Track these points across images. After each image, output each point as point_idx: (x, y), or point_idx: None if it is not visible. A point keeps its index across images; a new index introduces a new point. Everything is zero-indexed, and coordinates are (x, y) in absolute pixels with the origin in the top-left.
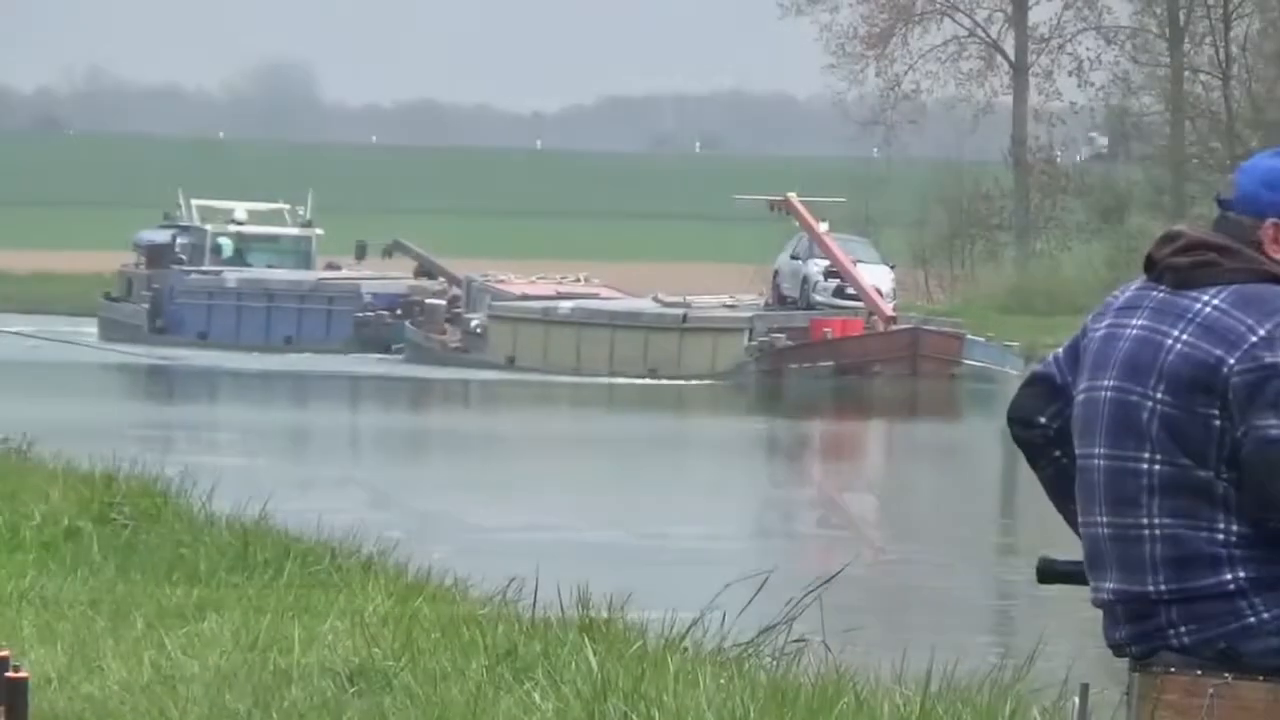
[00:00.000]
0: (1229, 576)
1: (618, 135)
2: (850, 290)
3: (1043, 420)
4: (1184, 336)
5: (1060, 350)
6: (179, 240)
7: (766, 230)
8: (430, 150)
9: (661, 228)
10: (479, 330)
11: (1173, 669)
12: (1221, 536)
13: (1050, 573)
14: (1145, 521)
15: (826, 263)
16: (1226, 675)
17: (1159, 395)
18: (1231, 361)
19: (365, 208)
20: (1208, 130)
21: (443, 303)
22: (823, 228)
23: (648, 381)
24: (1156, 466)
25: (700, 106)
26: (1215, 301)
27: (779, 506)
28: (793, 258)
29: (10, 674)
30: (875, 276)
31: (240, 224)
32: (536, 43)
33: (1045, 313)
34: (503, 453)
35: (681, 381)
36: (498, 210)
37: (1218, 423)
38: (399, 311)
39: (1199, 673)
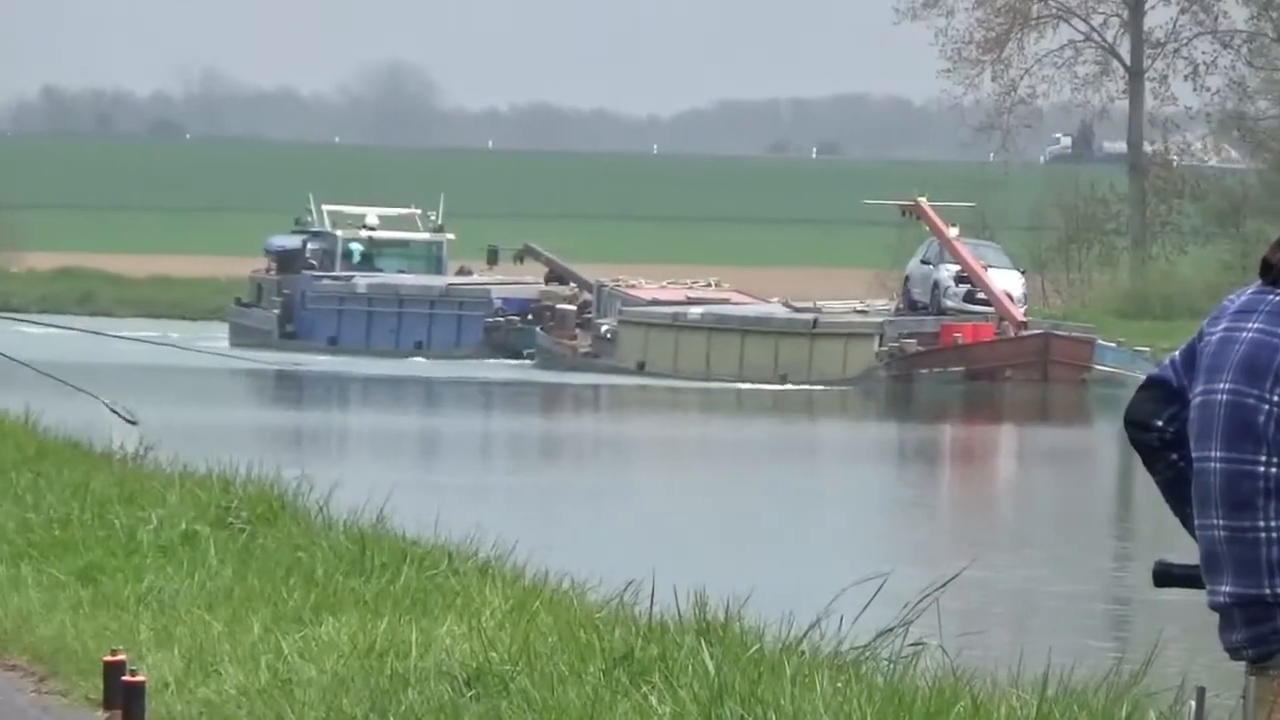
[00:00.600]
0: None
1: (734, 140)
2: (981, 295)
3: (1159, 423)
4: None
5: (1177, 354)
6: (310, 246)
7: (883, 235)
8: (547, 155)
9: (779, 232)
10: (609, 335)
11: None
12: None
13: (1167, 577)
14: (1262, 524)
15: (957, 268)
16: None
17: (1275, 398)
18: None
19: (491, 212)
20: None
21: (573, 308)
22: (953, 232)
23: (777, 387)
24: (1274, 469)
25: (817, 111)
26: None
27: (900, 511)
28: (923, 262)
29: (127, 678)
30: (1006, 281)
31: (371, 229)
32: (653, 47)
33: (1161, 317)
34: (626, 457)
35: (811, 387)
36: (616, 215)
37: None
38: (529, 317)
39: None
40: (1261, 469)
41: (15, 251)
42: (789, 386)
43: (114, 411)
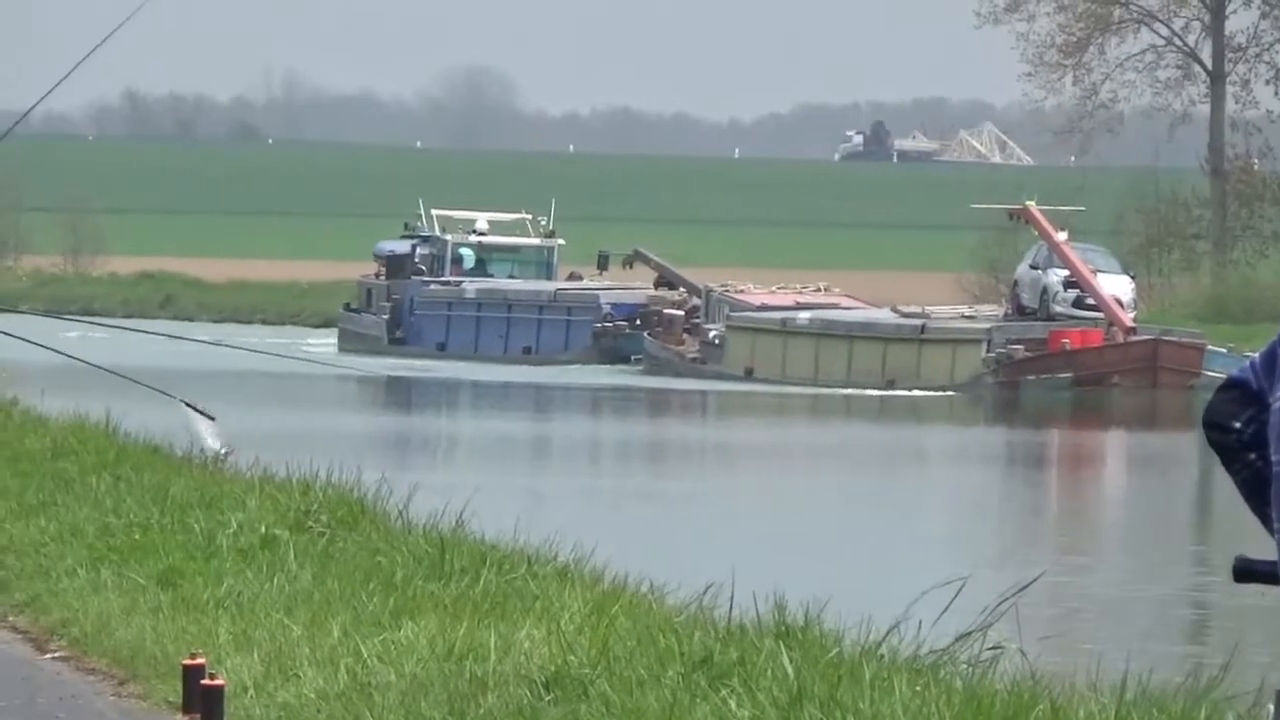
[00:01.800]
0: None
1: (814, 144)
2: (1090, 301)
3: (1238, 425)
4: None
5: (1257, 357)
6: (419, 250)
7: (964, 239)
8: (629, 159)
9: (863, 236)
10: (717, 341)
11: None
12: None
13: (1247, 572)
14: None
15: (1066, 273)
16: None
17: None
18: None
19: (582, 216)
20: None
21: (681, 313)
22: (1062, 237)
23: (884, 392)
24: None
25: (897, 116)
26: None
27: (991, 516)
28: (1032, 267)
29: (206, 681)
30: (1115, 286)
31: (481, 234)
32: (733, 51)
33: (1242, 321)
34: (721, 462)
35: (918, 393)
36: (715, 220)
37: None
38: (638, 322)
39: None
40: None
41: (97, 256)
42: (896, 392)
43: (191, 408)
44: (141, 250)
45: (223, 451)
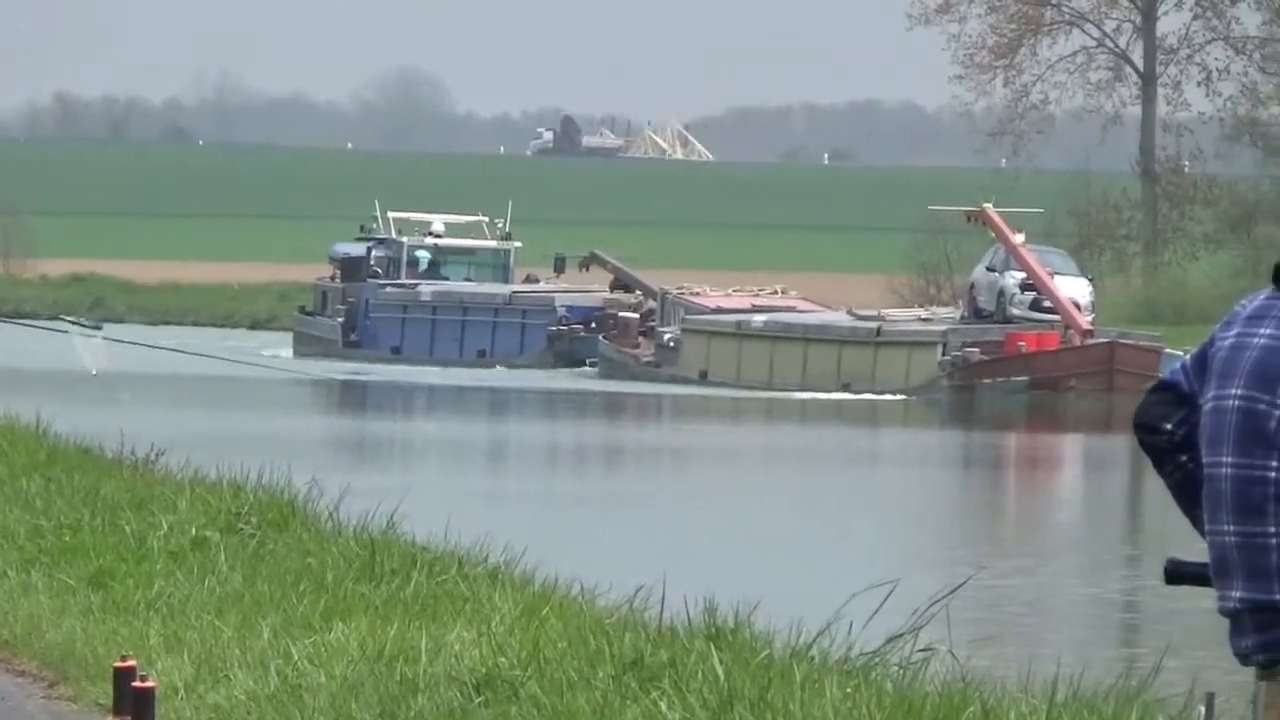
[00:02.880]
0: None
1: (747, 147)
2: (1048, 303)
3: (1168, 427)
4: None
5: (1188, 358)
6: (374, 253)
7: (895, 240)
8: (562, 160)
9: (795, 238)
10: (672, 344)
11: None
12: None
13: (1179, 574)
14: (1273, 530)
15: (1023, 275)
16: None
17: None
18: None
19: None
20: None
21: (636, 316)
22: (1019, 239)
23: (839, 396)
24: None
25: (829, 118)
26: None
27: (932, 519)
28: (989, 270)
29: (137, 683)
30: (1072, 289)
31: (438, 236)
32: (667, 54)
33: (1173, 323)
34: (663, 465)
35: (873, 397)
36: (633, 221)
37: None
38: (593, 325)
39: None
40: (1273, 475)
41: (28, 258)
42: (849, 396)
43: (76, 324)
44: (72, 252)
45: (93, 371)
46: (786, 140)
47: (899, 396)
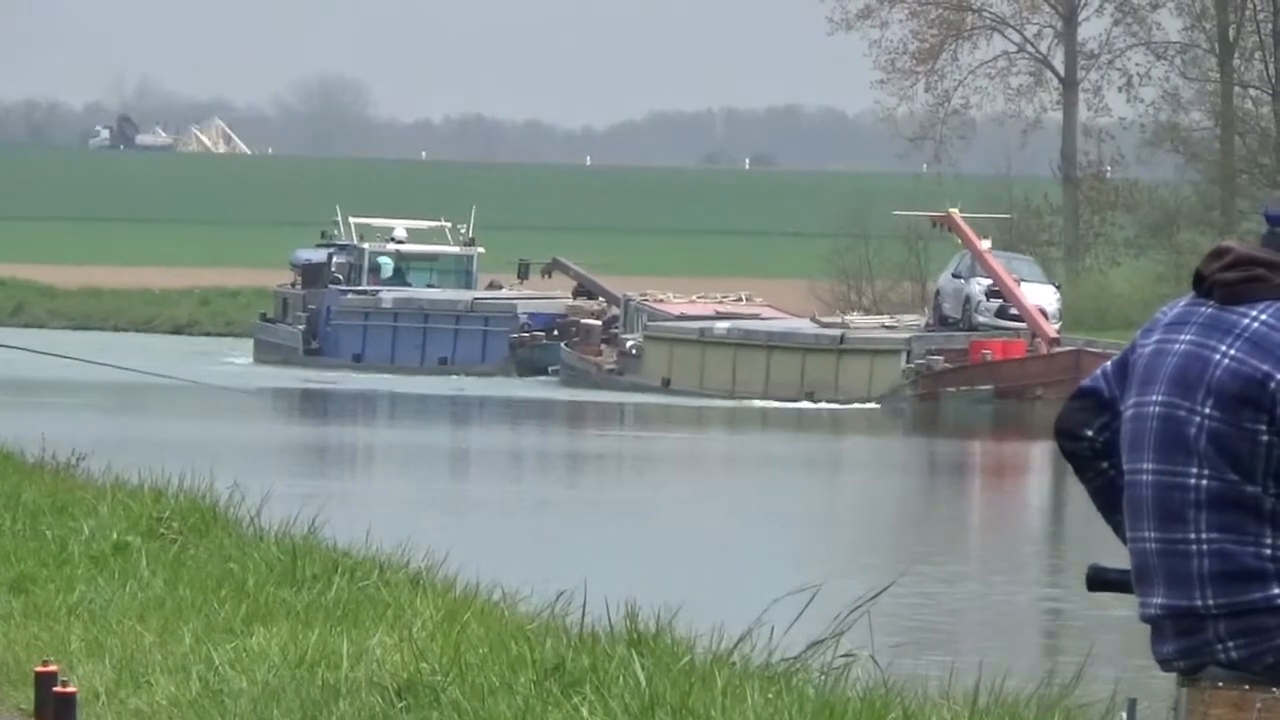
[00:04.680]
0: (1277, 591)
1: (668, 151)
2: (1014, 311)
3: (1089, 433)
4: (1232, 352)
5: (1109, 364)
6: (336, 259)
7: (816, 246)
8: (481, 166)
9: (716, 243)
10: (634, 351)
11: (1220, 684)
12: (1269, 551)
13: (1100, 581)
14: (1193, 537)
15: (989, 282)
16: (1274, 690)
17: (1207, 410)
18: (1279, 377)
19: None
20: (1257, 146)
21: (598, 323)
22: (985, 245)
23: (801, 405)
24: (1204, 481)
25: (750, 123)
26: (1263, 317)
27: (869, 526)
28: (955, 276)
29: (58, 688)
30: (1039, 296)
31: (400, 242)
32: (587, 59)
33: (1094, 328)
34: (607, 473)
35: (836, 406)
36: (553, 226)
37: (1265, 438)
38: (555, 332)
39: (1247, 687)
40: (1193, 481)
41: None
42: (809, 405)
43: None
44: None
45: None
46: (707, 144)
47: (863, 405)
